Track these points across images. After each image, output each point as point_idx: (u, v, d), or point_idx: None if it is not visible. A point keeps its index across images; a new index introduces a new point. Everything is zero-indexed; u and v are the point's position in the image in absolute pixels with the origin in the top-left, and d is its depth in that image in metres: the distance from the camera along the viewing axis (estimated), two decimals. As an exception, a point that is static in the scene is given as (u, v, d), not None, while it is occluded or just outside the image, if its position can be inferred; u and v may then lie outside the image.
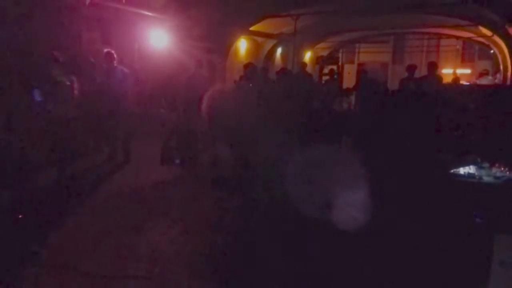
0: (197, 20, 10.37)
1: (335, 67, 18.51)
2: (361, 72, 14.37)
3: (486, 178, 3.57)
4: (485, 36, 15.79)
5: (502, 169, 3.64)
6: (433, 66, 8.07)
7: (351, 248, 3.65)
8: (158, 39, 10.07)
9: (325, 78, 15.72)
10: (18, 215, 4.32)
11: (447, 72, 19.83)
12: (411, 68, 8.25)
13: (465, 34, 17.54)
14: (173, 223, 4.55)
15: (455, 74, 16.86)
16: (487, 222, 3.22)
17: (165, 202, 5.25)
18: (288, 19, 13.32)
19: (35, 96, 5.85)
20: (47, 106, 5.82)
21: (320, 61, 20.08)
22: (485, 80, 12.68)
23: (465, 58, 24.64)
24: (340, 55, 26.50)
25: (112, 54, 6.82)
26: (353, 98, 8.48)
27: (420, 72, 10.60)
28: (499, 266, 2.53)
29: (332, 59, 21.93)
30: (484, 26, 13.98)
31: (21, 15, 6.51)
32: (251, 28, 13.64)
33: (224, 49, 12.78)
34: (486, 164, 3.73)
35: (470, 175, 3.64)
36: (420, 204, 3.54)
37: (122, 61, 7.66)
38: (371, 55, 26.62)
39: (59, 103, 5.87)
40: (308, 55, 19.63)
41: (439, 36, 22.09)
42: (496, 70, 16.91)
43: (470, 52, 24.09)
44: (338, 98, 9.05)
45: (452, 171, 3.72)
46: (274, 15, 12.64)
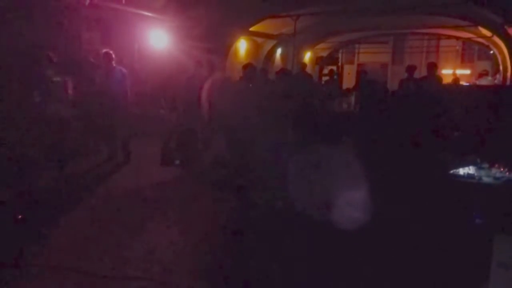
0: (197, 21, 10.36)
1: (335, 68, 18.55)
2: (361, 73, 14.40)
3: (486, 179, 3.57)
4: (485, 37, 15.79)
5: (502, 170, 3.65)
6: (433, 67, 8.08)
7: (351, 248, 3.65)
8: (158, 40, 10.07)
9: (325, 79, 15.75)
10: (18, 215, 4.31)
11: (447, 73, 19.87)
12: (411, 69, 8.27)
13: (465, 35, 17.54)
14: (173, 224, 4.56)
15: (455, 75, 16.89)
16: (487, 223, 3.22)
17: (165, 203, 5.25)
18: (288, 20, 13.31)
19: (35, 97, 5.87)
20: (41, 106, 5.83)
21: (320, 62, 20.09)
22: (485, 81, 12.70)
23: (465, 59, 24.71)
24: (340, 56, 26.49)
25: (110, 54, 6.78)
26: (353, 99, 8.47)
27: (420, 73, 10.63)
28: (499, 267, 2.53)
29: (332, 60, 21.93)
30: (484, 27, 13.99)
31: (21, 15, 6.51)
32: (251, 29, 13.62)
33: (224, 50, 12.76)
34: (486, 165, 3.73)
35: (470, 176, 3.64)
36: (420, 205, 3.55)
37: (122, 62, 7.66)
38: (371, 56, 26.66)
39: (53, 103, 5.88)
40: (308, 56, 19.61)
41: (439, 37, 22.10)
42: (496, 71, 16.93)
43: (470, 53, 24.16)
44: (338, 99, 9.05)
45: (452, 172, 3.73)
46: (274, 16, 12.63)
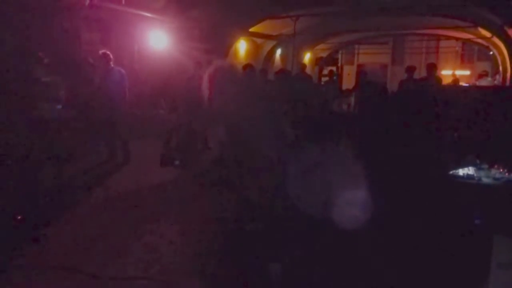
0: (197, 21, 10.38)
1: (335, 68, 18.60)
2: (361, 73, 14.35)
3: (485, 180, 3.57)
4: (485, 38, 15.80)
5: (502, 171, 3.64)
6: (433, 68, 8.08)
7: (350, 248, 3.65)
8: (158, 40, 10.07)
9: (325, 79, 15.81)
10: (17, 216, 4.31)
11: (447, 74, 19.86)
12: (411, 69, 8.27)
13: (465, 36, 17.55)
14: (173, 224, 4.56)
15: (455, 76, 16.89)
16: (486, 224, 3.22)
17: (165, 203, 5.26)
18: (288, 20, 13.32)
19: (24, 98, 5.86)
20: (30, 106, 5.82)
21: (320, 62, 20.12)
22: (485, 82, 12.71)
23: (465, 60, 24.70)
24: (340, 56, 26.49)
25: (108, 55, 6.75)
26: (353, 99, 8.48)
27: (420, 73, 10.66)
28: (498, 268, 2.53)
29: (332, 60, 21.98)
30: (484, 28, 14.00)
31: (21, 16, 6.51)
32: (251, 29, 13.63)
33: (224, 50, 12.76)
34: (486, 165, 3.73)
35: (469, 176, 3.64)
36: (419, 205, 3.55)
37: (122, 62, 7.66)
38: (371, 56, 26.66)
39: (45, 103, 5.87)
40: (308, 56, 19.62)
41: (439, 38, 22.09)
42: (496, 72, 16.95)
43: (470, 54, 24.16)
44: (338, 99, 9.06)
45: (452, 172, 3.72)
46: (274, 16, 12.64)
